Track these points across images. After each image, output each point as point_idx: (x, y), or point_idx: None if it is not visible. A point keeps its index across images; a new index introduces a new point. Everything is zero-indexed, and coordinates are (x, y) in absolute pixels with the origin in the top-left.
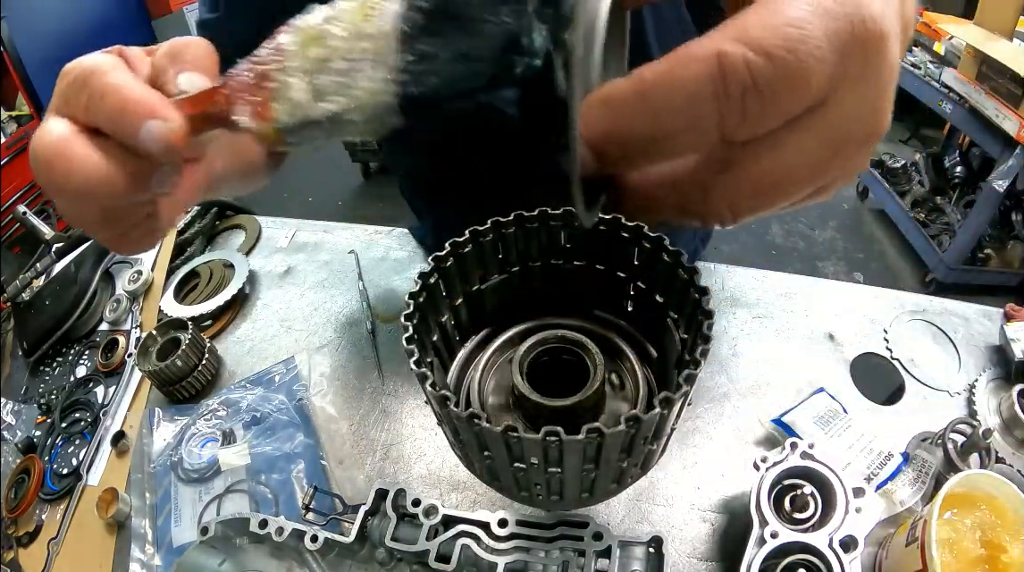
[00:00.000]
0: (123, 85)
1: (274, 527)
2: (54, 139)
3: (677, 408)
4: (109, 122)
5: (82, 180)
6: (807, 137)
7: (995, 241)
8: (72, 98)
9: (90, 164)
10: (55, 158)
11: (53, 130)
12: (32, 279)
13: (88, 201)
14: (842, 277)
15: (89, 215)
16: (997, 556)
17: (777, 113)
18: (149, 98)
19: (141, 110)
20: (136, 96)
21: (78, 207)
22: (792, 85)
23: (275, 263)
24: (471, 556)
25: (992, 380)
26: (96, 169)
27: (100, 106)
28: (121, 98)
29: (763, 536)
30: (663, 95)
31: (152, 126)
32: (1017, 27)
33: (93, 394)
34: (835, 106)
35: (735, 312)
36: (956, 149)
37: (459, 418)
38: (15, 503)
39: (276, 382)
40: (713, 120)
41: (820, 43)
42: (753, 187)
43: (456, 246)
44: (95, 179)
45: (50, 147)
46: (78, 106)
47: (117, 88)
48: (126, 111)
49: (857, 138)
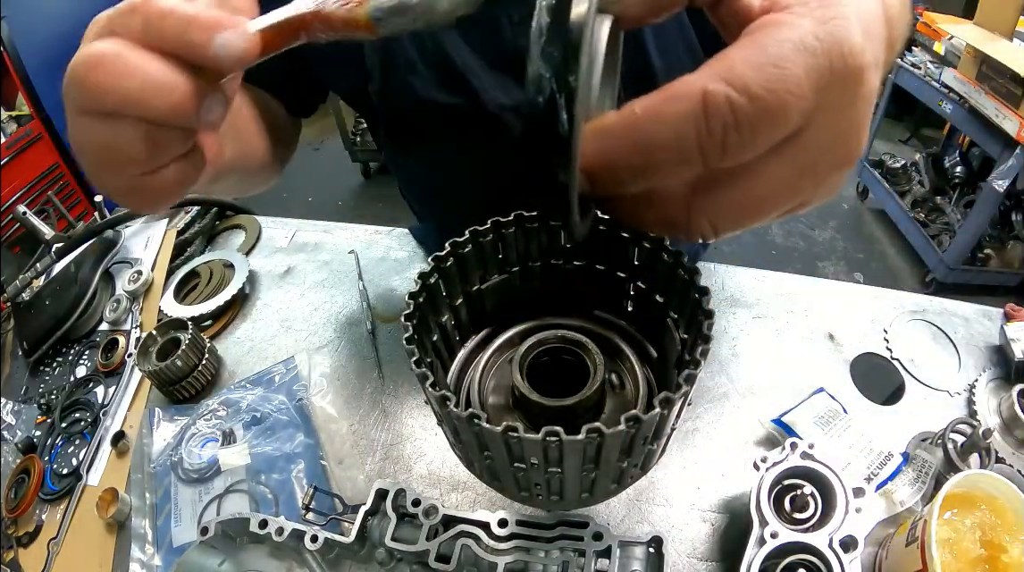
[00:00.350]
0: (184, 7)
1: (274, 527)
2: (104, 48)
3: (677, 408)
4: (174, 38)
5: (137, 85)
6: (783, 163)
7: (995, 241)
8: (120, 24)
9: (147, 69)
10: (107, 61)
11: (100, 44)
12: (32, 279)
13: (132, 116)
14: (842, 277)
15: (125, 139)
16: (997, 556)
17: (756, 146)
18: (216, 13)
19: (211, 23)
20: (203, 12)
21: (117, 128)
22: (771, 120)
23: (275, 263)
24: (471, 556)
25: (992, 380)
26: (154, 74)
27: (161, 25)
28: (186, 15)
29: (763, 536)
30: (651, 130)
31: (227, 36)
32: (1017, 27)
33: (93, 394)
34: (811, 135)
35: (735, 312)
36: (956, 149)
37: (459, 418)
38: (15, 503)
39: (276, 382)
40: (696, 153)
41: (800, 81)
42: (733, 207)
43: (456, 246)
44: (151, 85)
45: (99, 54)
46: (130, 29)
47: (176, 7)
48: (194, 26)
49: (831, 163)
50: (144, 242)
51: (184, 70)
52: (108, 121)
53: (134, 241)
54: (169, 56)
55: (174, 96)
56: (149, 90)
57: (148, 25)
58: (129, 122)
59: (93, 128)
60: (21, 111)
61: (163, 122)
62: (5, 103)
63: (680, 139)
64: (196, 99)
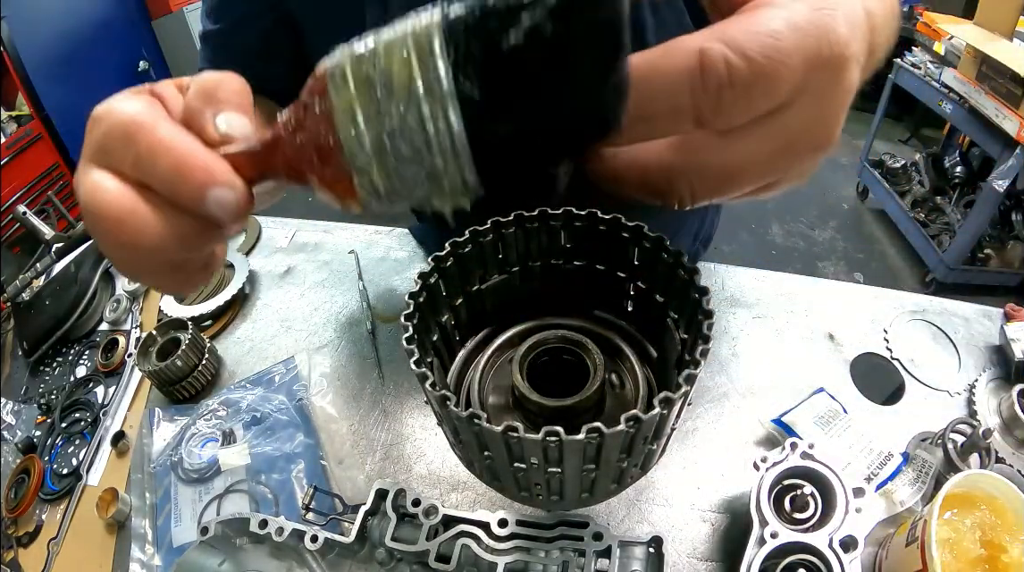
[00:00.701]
0: (175, 145)
1: (274, 527)
2: (111, 200)
3: (677, 408)
4: (166, 184)
5: (153, 242)
6: (766, 137)
7: (995, 241)
8: (114, 151)
9: (157, 226)
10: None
11: (104, 187)
12: (32, 279)
13: (154, 258)
14: (842, 277)
15: (153, 268)
16: (997, 556)
17: (746, 110)
18: (207, 162)
19: (202, 177)
20: (194, 160)
21: (142, 263)
22: (763, 86)
23: (275, 263)
24: (471, 556)
25: (992, 380)
26: (165, 231)
27: (153, 167)
28: (176, 161)
29: (763, 536)
30: (647, 81)
31: (219, 195)
32: (1017, 27)
33: (93, 394)
34: (794, 113)
35: (735, 312)
36: (956, 149)
37: (459, 418)
38: (15, 503)
39: (276, 382)
40: (689, 109)
41: (791, 54)
42: (713, 175)
43: (456, 246)
44: (166, 241)
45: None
46: (124, 161)
47: (169, 148)
48: (184, 176)
49: (809, 146)
50: None
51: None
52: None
53: None
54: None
55: (185, 244)
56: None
57: (140, 161)
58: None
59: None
60: (21, 111)
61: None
62: (5, 103)
63: (675, 93)
64: (205, 237)
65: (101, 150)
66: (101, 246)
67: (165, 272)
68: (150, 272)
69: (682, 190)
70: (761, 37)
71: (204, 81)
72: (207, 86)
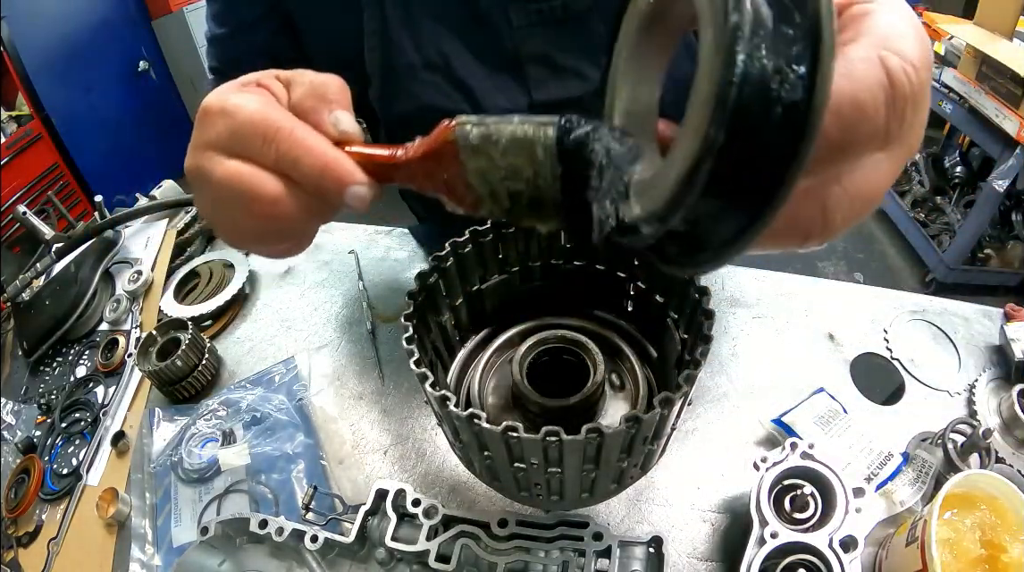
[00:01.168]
0: (316, 147)
1: (274, 527)
2: (262, 186)
3: (677, 408)
4: (310, 179)
5: (292, 219)
6: (900, 150)
7: (995, 241)
8: (250, 146)
9: (298, 207)
10: (272, 203)
11: (250, 173)
12: (32, 279)
13: (285, 229)
14: (842, 277)
15: (279, 237)
16: (997, 556)
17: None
18: (347, 164)
19: (345, 178)
20: (335, 160)
21: (270, 233)
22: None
23: (275, 263)
24: (471, 556)
25: (992, 380)
26: (302, 211)
27: (298, 165)
28: (321, 163)
29: (763, 536)
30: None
31: (356, 191)
32: (1017, 27)
33: (93, 394)
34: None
35: (735, 312)
36: (956, 149)
37: (459, 418)
38: (15, 503)
39: (276, 382)
40: (883, 128)
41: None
42: (862, 196)
43: (456, 246)
44: (301, 218)
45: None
46: (264, 156)
47: (311, 150)
48: (328, 176)
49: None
50: (144, 242)
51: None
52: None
53: (134, 241)
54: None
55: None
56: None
57: (283, 159)
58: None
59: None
60: (21, 111)
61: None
62: (5, 103)
63: (874, 106)
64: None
65: (231, 142)
66: (228, 222)
67: (283, 239)
68: (272, 240)
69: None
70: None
71: (314, 82)
72: (317, 85)
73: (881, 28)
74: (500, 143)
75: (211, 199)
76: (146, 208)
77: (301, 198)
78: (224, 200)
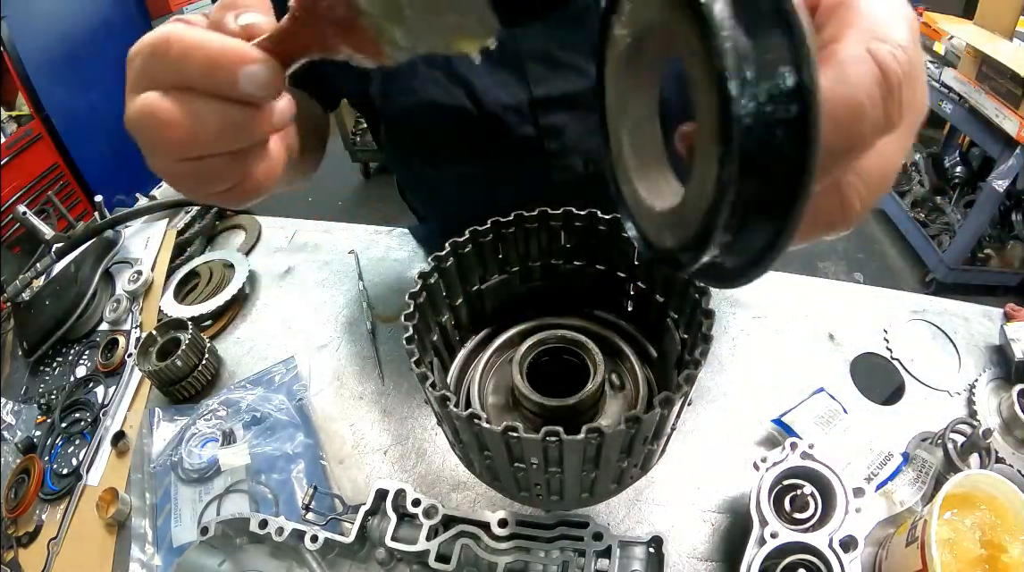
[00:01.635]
0: (204, 40)
1: (274, 527)
2: (160, 108)
3: (677, 408)
4: (203, 78)
5: (208, 135)
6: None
7: (995, 241)
8: (151, 70)
9: (206, 119)
10: (173, 125)
11: (150, 101)
12: (32, 279)
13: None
14: (842, 277)
15: (213, 168)
16: (997, 556)
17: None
18: (236, 46)
19: (234, 59)
20: (222, 47)
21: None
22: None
23: (275, 263)
24: (471, 556)
25: (992, 380)
26: (214, 122)
27: (188, 67)
28: (207, 52)
29: (763, 536)
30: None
31: (251, 71)
32: (1017, 27)
33: (93, 394)
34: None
35: (735, 312)
36: (956, 149)
37: (459, 418)
38: (15, 503)
39: (276, 382)
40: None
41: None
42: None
43: (456, 246)
44: (217, 132)
45: (161, 116)
46: (162, 75)
47: (199, 45)
48: (217, 64)
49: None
50: (144, 242)
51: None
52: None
53: (134, 241)
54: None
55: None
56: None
57: (177, 65)
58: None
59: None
60: (21, 111)
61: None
62: (5, 103)
63: (872, 103)
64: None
65: (140, 76)
66: (160, 163)
67: (216, 173)
68: (204, 175)
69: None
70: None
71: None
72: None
73: (864, 16)
74: None
75: (139, 145)
76: (146, 208)
77: (198, 108)
78: (141, 141)
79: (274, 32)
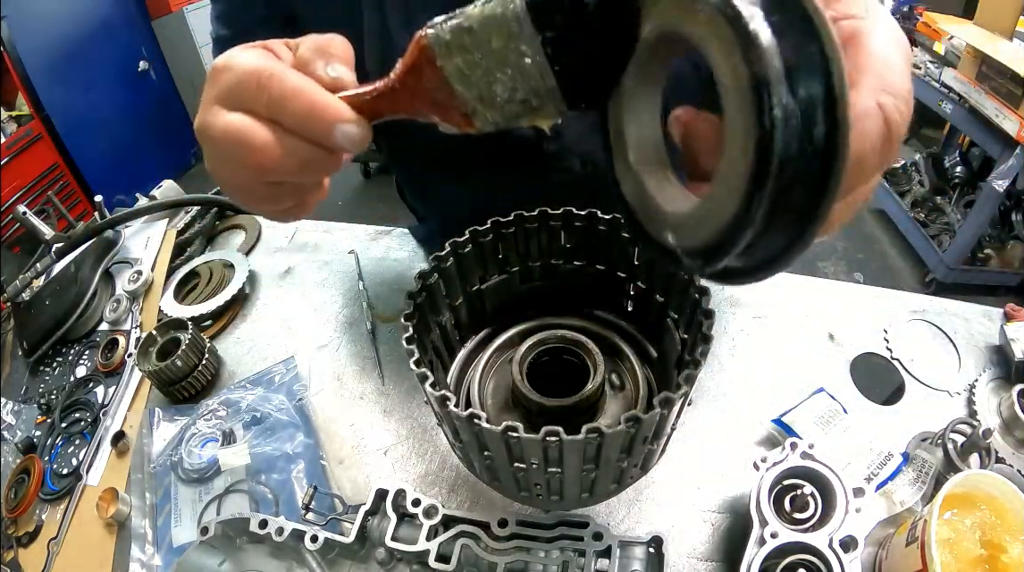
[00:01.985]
0: (305, 89)
1: (274, 527)
2: (252, 133)
3: (677, 408)
4: (299, 121)
5: (285, 166)
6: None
7: (995, 241)
8: (245, 95)
9: (290, 153)
10: (260, 150)
11: (244, 123)
12: (32, 279)
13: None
14: (842, 277)
15: (275, 191)
16: (997, 556)
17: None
18: (334, 103)
19: (332, 115)
20: (323, 101)
21: (268, 188)
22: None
23: (275, 263)
24: (471, 556)
25: (992, 380)
26: (295, 157)
27: (285, 108)
28: (308, 102)
29: (763, 536)
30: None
31: (346, 129)
32: (1017, 27)
33: (93, 394)
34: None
35: (735, 312)
36: (956, 149)
37: (459, 418)
38: (15, 503)
39: (276, 382)
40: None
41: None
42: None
43: (456, 246)
44: (294, 165)
45: (252, 140)
46: (256, 103)
47: (299, 92)
48: (315, 115)
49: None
50: (144, 242)
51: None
52: (260, 184)
53: (134, 241)
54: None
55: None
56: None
57: (274, 103)
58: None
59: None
60: (21, 111)
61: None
62: (5, 103)
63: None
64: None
65: (231, 95)
66: (229, 176)
67: (283, 196)
68: (271, 196)
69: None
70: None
71: (316, 39)
72: (319, 42)
73: (876, 62)
74: (473, 29)
75: (214, 155)
76: (146, 208)
77: (291, 144)
78: (223, 154)
79: (369, 93)
